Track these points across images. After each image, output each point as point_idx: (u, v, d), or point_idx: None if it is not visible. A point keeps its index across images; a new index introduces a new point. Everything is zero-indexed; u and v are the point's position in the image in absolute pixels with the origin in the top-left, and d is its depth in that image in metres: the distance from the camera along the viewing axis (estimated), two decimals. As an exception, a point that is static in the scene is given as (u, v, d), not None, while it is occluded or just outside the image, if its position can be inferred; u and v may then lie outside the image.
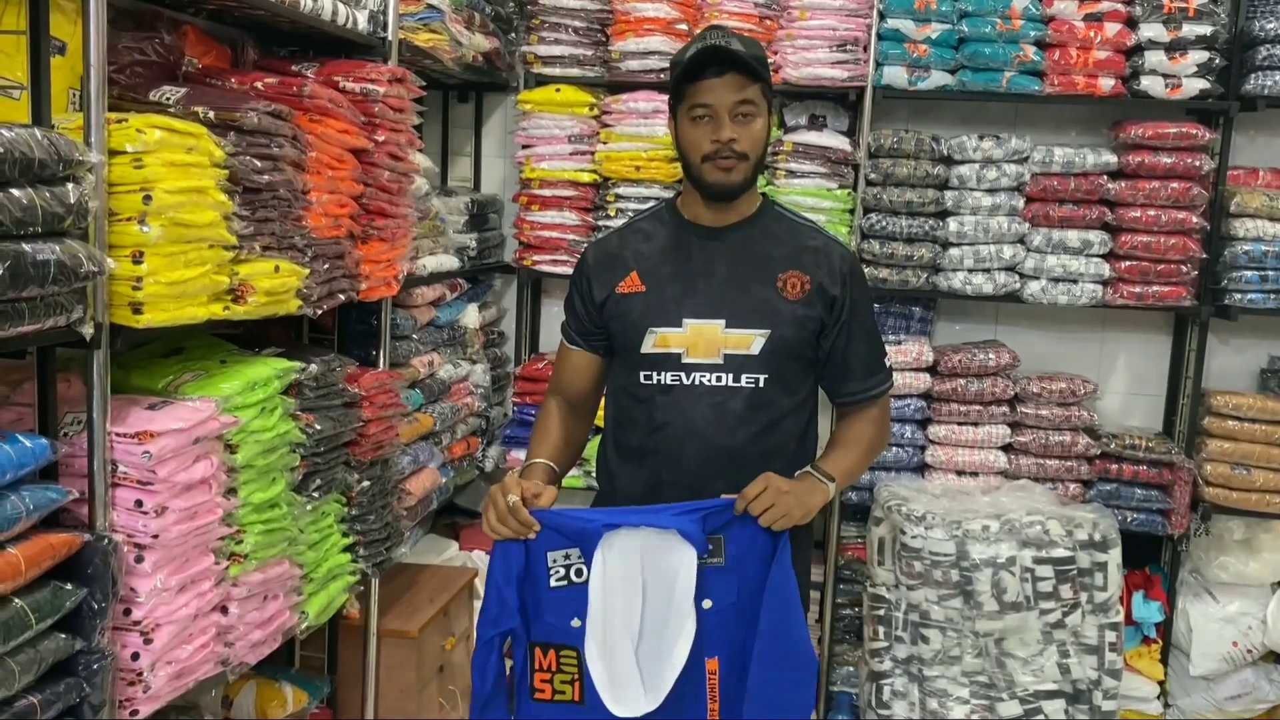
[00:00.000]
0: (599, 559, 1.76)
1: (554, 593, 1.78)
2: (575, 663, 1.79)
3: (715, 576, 1.77)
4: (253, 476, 2.11)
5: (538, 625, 1.80)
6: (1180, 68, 3.31)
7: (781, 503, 1.75)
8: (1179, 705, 3.56)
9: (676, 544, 1.75)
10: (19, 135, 1.50)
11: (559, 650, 1.79)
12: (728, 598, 1.78)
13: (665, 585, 1.76)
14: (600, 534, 1.75)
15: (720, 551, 1.77)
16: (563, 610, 1.78)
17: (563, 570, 1.78)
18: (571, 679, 1.80)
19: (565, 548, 1.78)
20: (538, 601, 1.79)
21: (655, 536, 1.75)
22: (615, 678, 1.76)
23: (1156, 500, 3.47)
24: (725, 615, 1.78)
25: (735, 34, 1.89)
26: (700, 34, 1.90)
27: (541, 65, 3.62)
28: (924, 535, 3.19)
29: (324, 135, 2.32)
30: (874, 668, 3.33)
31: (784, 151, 3.45)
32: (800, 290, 1.92)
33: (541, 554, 1.78)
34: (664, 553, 1.75)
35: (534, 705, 1.82)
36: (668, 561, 1.75)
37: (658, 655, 1.77)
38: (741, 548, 1.77)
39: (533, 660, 1.81)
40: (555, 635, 1.79)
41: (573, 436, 2.08)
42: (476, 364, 3.60)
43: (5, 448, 1.57)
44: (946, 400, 3.51)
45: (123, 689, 1.82)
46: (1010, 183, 3.42)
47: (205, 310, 1.94)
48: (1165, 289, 3.41)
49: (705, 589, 1.76)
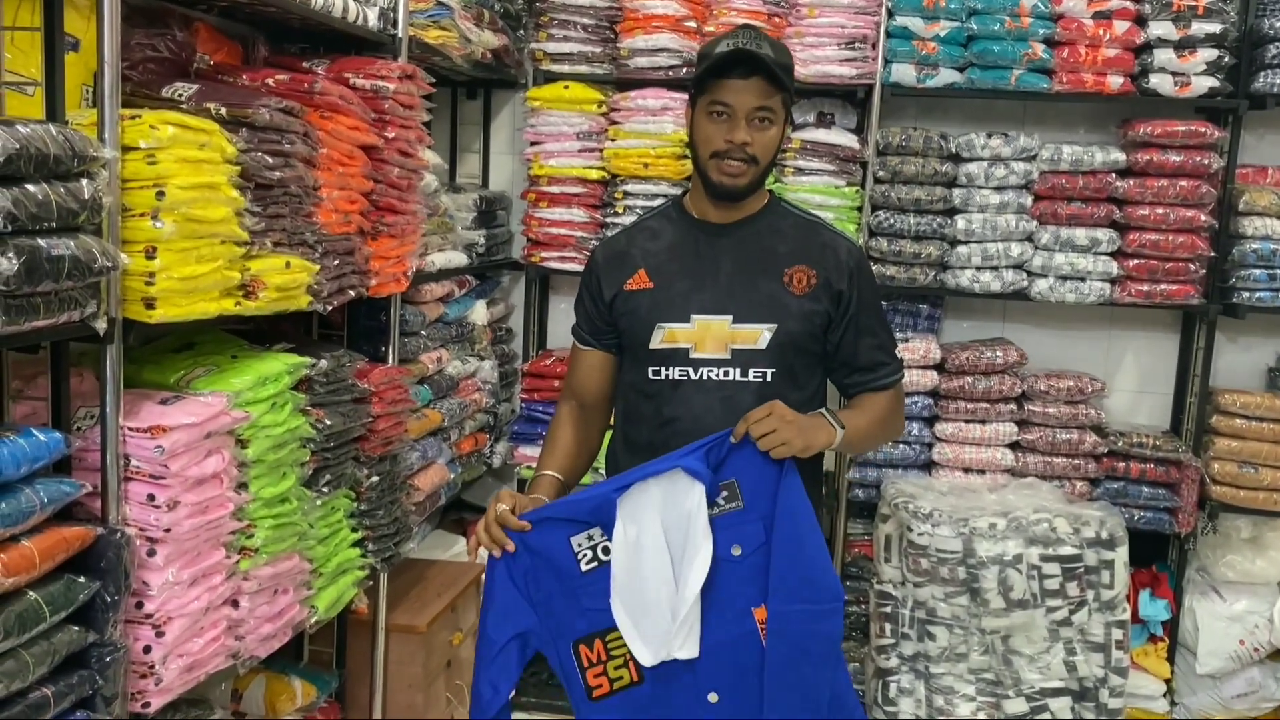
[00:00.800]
0: (619, 523, 1.73)
1: (587, 576, 1.76)
2: (622, 644, 1.75)
3: (738, 520, 1.74)
4: (263, 471, 2.12)
5: (577, 619, 1.77)
6: (1189, 66, 3.30)
7: (782, 430, 1.72)
8: (1185, 704, 3.56)
9: (686, 484, 1.72)
10: (34, 131, 1.51)
11: (604, 636, 1.76)
12: (756, 540, 1.74)
13: (683, 529, 1.73)
14: (614, 502, 1.73)
15: (736, 495, 1.74)
16: (599, 592, 1.75)
17: (590, 553, 1.76)
18: (624, 660, 1.76)
19: (586, 530, 1.76)
20: (573, 592, 1.76)
21: (666, 484, 1.73)
22: (646, 632, 1.73)
23: (1164, 498, 3.47)
24: (760, 559, 1.74)
25: (769, 38, 1.89)
26: (735, 31, 1.90)
27: (550, 62, 3.63)
28: (931, 532, 3.19)
29: (334, 132, 2.33)
30: (880, 665, 3.33)
31: (792, 149, 3.45)
32: (807, 285, 1.93)
33: (564, 542, 1.76)
34: (677, 495, 1.73)
35: (595, 706, 1.78)
36: (681, 507, 1.73)
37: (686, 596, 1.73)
38: (754, 484, 1.74)
39: (579, 660, 1.77)
40: (597, 622, 1.76)
41: (585, 443, 2.08)
42: (484, 360, 3.61)
43: (19, 441, 1.58)
44: (954, 398, 3.51)
45: (135, 681, 1.83)
46: (1018, 180, 3.41)
47: (217, 305, 1.95)
48: (1173, 287, 3.41)
49: (732, 535, 1.74)
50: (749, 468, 1.74)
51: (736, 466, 1.75)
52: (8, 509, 1.53)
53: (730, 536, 1.74)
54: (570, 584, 1.76)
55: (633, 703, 1.77)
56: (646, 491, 1.74)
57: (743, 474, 1.75)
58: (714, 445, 1.75)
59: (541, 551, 1.77)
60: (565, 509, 1.79)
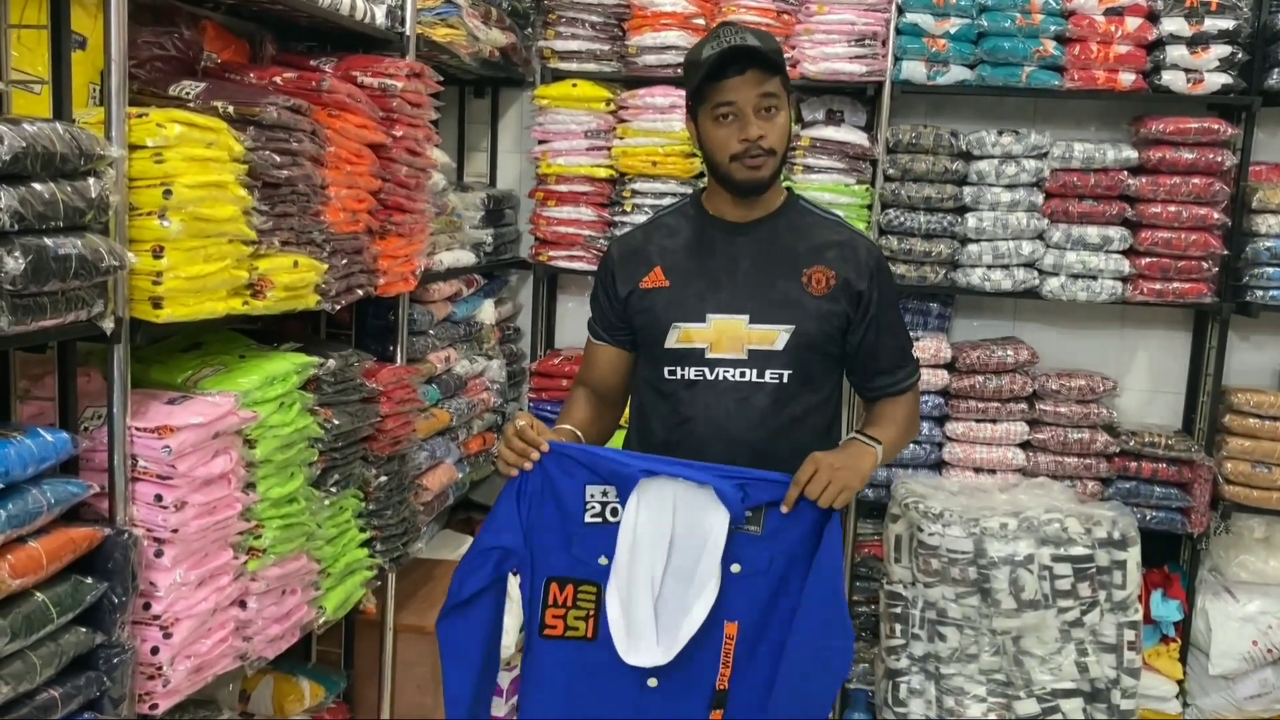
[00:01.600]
0: (633, 503, 1.74)
1: (587, 528, 1.78)
2: (594, 599, 1.78)
3: (749, 543, 1.75)
4: (271, 471, 2.11)
5: (561, 558, 1.79)
6: (1202, 62, 3.28)
7: (838, 478, 1.72)
8: (1198, 705, 3.53)
9: (712, 504, 1.73)
10: (41, 130, 1.50)
11: (578, 585, 1.79)
12: (758, 564, 1.76)
13: (695, 542, 1.74)
14: (636, 478, 1.74)
15: (759, 521, 1.75)
16: (592, 546, 1.77)
17: (598, 507, 1.78)
18: (587, 614, 1.79)
19: (604, 485, 1.77)
20: (567, 535, 1.78)
21: (692, 491, 1.74)
22: (631, 625, 1.75)
23: (1176, 498, 3.44)
24: (752, 581, 1.76)
25: (747, 28, 1.88)
26: (714, 33, 1.89)
27: (558, 60, 3.61)
28: (941, 533, 3.17)
29: (342, 130, 2.32)
30: (890, 665, 3.31)
31: (801, 147, 3.43)
32: (825, 285, 1.92)
33: (580, 487, 1.78)
34: (698, 509, 1.74)
35: (542, 642, 1.81)
36: (700, 519, 1.73)
37: (676, 610, 1.75)
38: (782, 523, 1.74)
39: (546, 596, 1.80)
40: (578, 570, 1.78)
41: (600, 420, 2.07)
42: (493, 359, 3.60)
43: (26, 442, 1.57)
44: (964, 397, 3.49)
45: (142, 683, 1.82)
46: (1029, 178, 3.39)
47: (224, 305, 1.94)
48: (1186, 285, 3.38)
49: (736, 553, 1.75)
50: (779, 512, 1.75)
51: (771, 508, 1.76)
52: (15, 510, 1.53)
53: (736, 554, 1.75)
54: (568, 527, 1.79)
55: (576, 656, 1.80)
56: (673, 489, 1.74)
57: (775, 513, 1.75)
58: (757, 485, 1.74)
59: (557, 483, 1.79)
60: (588, 456, 1.80)
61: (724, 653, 1.78)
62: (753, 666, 1.78)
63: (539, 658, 1.82)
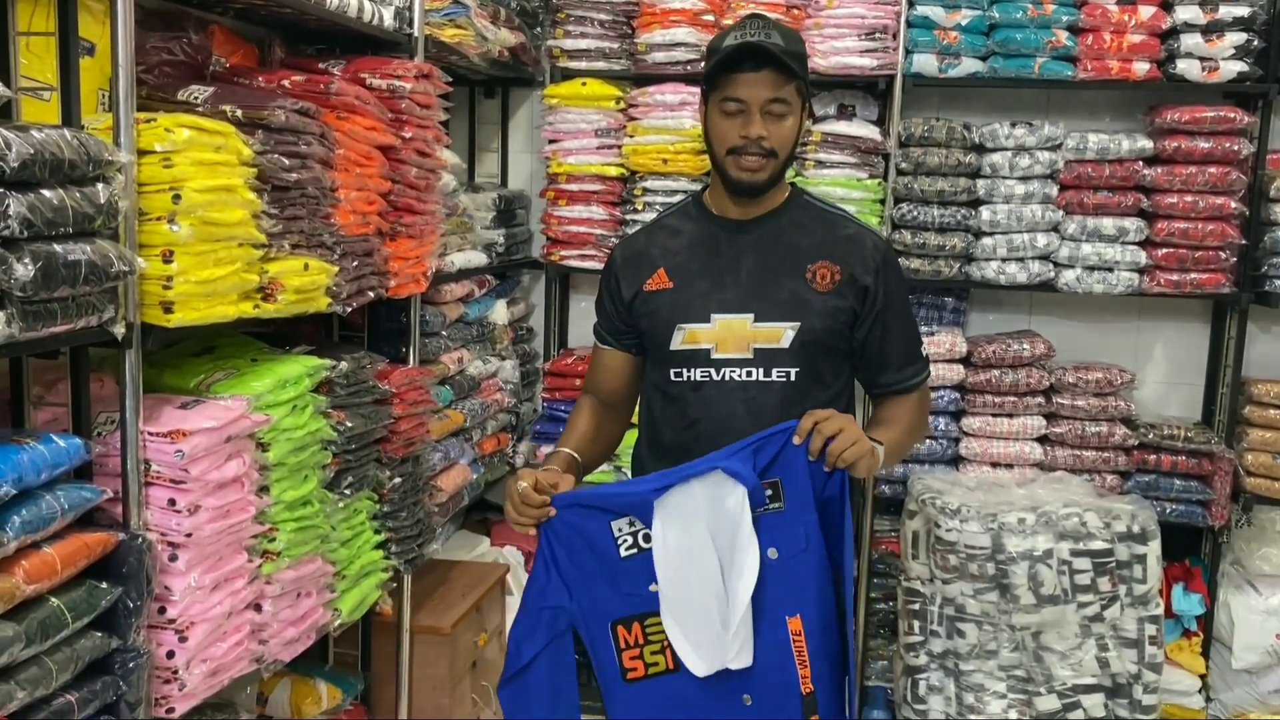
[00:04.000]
0: (658, 526, 1.71)
1: (626, 561, 1.74)
2: (662, 631, 1.74)
3: (778, 523, 1.71)
4: (284, 474, 2.11)
5: (615, 600, 1.75)
6: (1217, 50, 3.24)
7: (850, 428, 1.67)
8: (1221, 699, 3.50)
9: (729, 487, 1.69)
10: (49, 136, 1.50)
11: (643, 620, 1.75)
12: (796, 545, 1.71)
13: (729, 534, 1.70)
14: (651, 503, 1.71)
15: (779, 496, 1.71)
16: (638, 578, 1.74)
17: (630, 539, 1.74)
18: (662, 646, 1.75)
19: (627, 516, 1.74)
20: (612, 576, 1.75)
21: (708, 485, 1.70)
22: (696, 641, 1.71)
23: (1196, 491, 3.41)
24: (796, 566, 1.71)
25: (778, 26, 1.84)
26: (742, 22, 1.85)
27: (567, 59, 3.61)
28: (959, 528, 3.15)
29: (351, 132, 2.32)
30: (909, 662, 3.29)
31: (813, 142, 3.42)
32: (830, 281, 1.89)
33: (605, 525, 1.74)
34: (719, 501, 1.69)
35: (629, 688, 1.77)
36: (724, 509, 1.69)
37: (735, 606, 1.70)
38: (797, 486, 1.70)
39: (617, 640, 1.76)
40: (636, 605, 1.74)
41: (603, 432, 2.06)
42: (506, 360, 3.60)
43: (40, 448, 1.58)
44: (981, 392, 3.47)
45: (159, 687, 1.83)
46: (1043, 170, 3.37)
47: (235, 309, 1.94)
48: (1203, 276, 3.35)
49: (770, 537, 1.70)
50: (794, 468, 1.71)
51: (782, 466, 1.71)
52: (29, 516, 1.53)
53: (768, 539, 1.70)
54: (609, 568, 1.75)
55: (667, 690, 1.76)
56: (688, 493, 1.71)
57: (787, 474, 1.71)
58: (765, 442, 1.71)
59: (583, 528, 1.75)
60: (597, 499, 1.77)
61: (797, 651, 1.73)
62: (826, 662, 1.74)
63: (628, 702, 1.78)
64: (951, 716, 3.24)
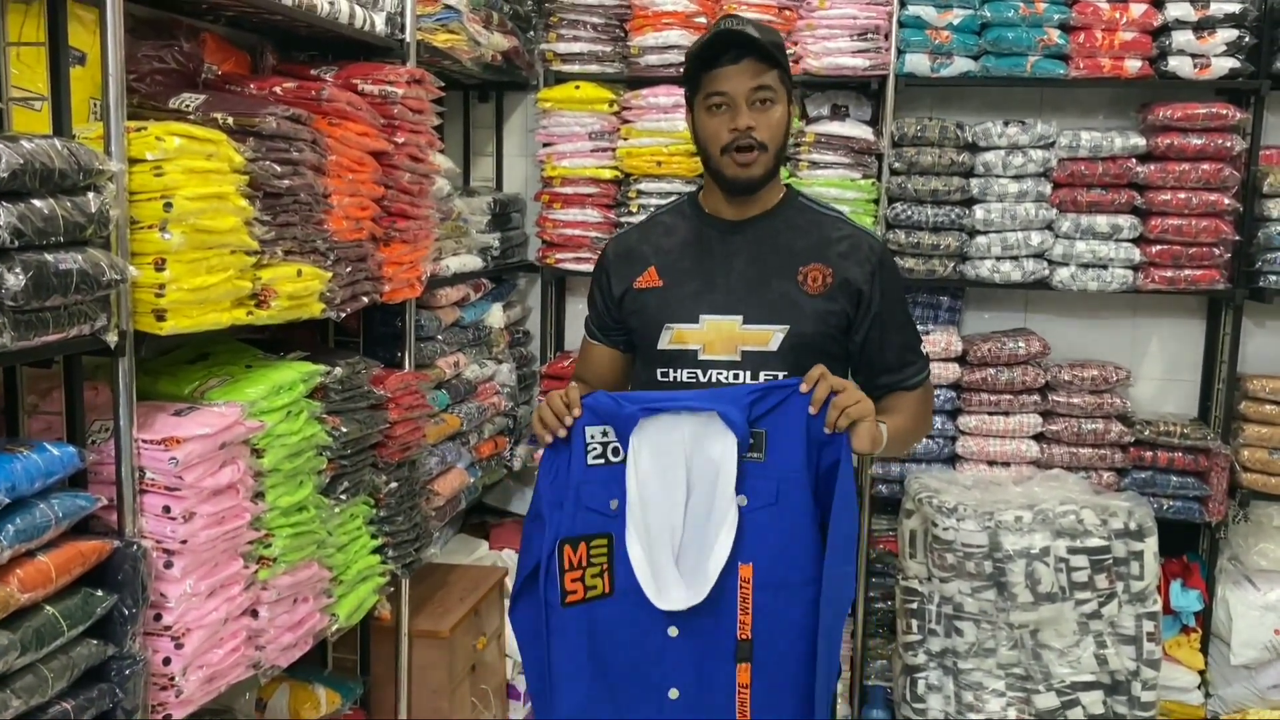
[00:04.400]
0: (635, 442, 1.70)
1: (591, 470, 1.73)
2: (606, 552, 1.72)
3: (754, 473, 1.69)
4: (280, 480, 2.12)
5: (570, 513, 1.74)
6: (1209, 47, 3.25)
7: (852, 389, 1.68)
8: (1220, 695, 3.50)
9: (718, 431, 1.68)
10: (39, 146, 1.51)
11: (589, 541, 1.73)
12: (765, 497, 1.70)
13: (708, 475, 1.68)
14: (636, 419, 1.69)
15: (761, 447, 1.70)
16: (599, 491, 1.73)
17: (599, 448, 1.73)
18: (601, 570, 1.73)
19: (602, 425, 1.73)
20: (576, 484, 1.74)
21: (699, 422, 1.69)
22: (657, 569, 1.69)
23: (1193, 487, 3.42)
24: (762, 517, 1.70)
25: (750, 20, 1.86)
26: (715, 23, 1.88)
27: (561, 63, 3.61)
28: (956, 527, 3.16)
29: (343, 138, 2.32)
30: (908, 661, 3.30)
31: (806, 143, 3.42)
32: (822, 284, 1.88)
33: (580, 430, 1.74)
34: (705, 440, 1.68)
35: (564, 612, 1.75)
36: (709, 450, 1.68)
37: (700, 548, 1.69)
38: (782, 440, 1.69)
39: (561, 560, 1.74)
40: (590, 525, 1.73)
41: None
42: (502, 363, 3.60)
43: (33, 456, 1.58)
44: (977, 390, 3.47)
45: (155, 694, 1.83)
46: (1037, 168, 3.37)
47: (228, 316, 1.94)
48: (1198, 272, 3.36)
49: (743, 485, 1.69)
50: (787, 422, 1.70)
51: (774, 419, 1.70)
52: (23, 525, 1.53)
53: (741, 485, 1.69)
54: (574, 476, 1.74)
55: (597, 614, 1.75)
56: (676, 423, 1.69)
57: (776, 427, 1.70)
58: (767, 393, 1.70)
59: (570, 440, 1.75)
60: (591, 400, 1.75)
61: (741, 598, 1.70)
62: (774, 614, 1.71)
63: (562, 626, 1.75)
64: (951, 715, 3.24)
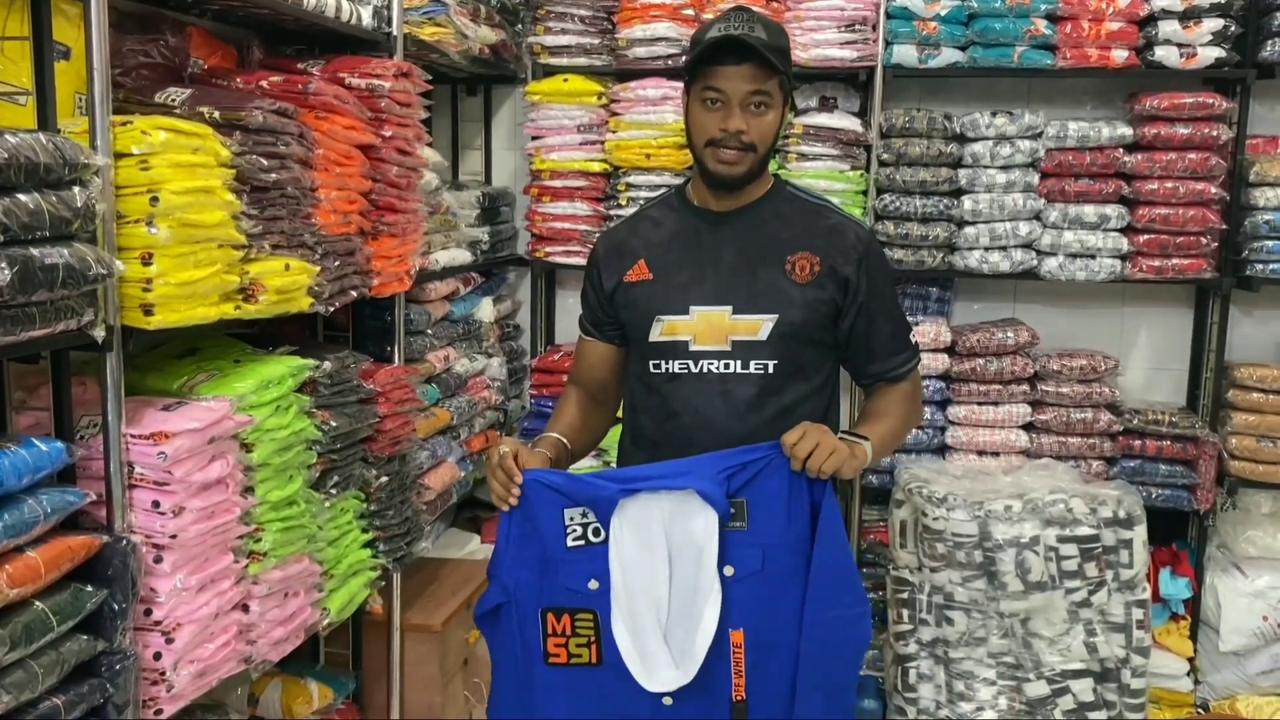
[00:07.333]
0: (616, 525, 1.70)
1: (571, 553, 1.73)
2: (592, 626, 1.74)
3: (738, 542, 1.70)
4: (270, 474, 2.12)
5: (551, 588, 1.75)
6: (1195, 36, 3.26)
7: (826, 441, 1.66)
8: (1209, 682, 3.52)
9: (698, 507, 1.68)
10: (24, 140, 1.50)
11: (574, 614, 1.75)
12: (751, 566, 1.71)
13: (690, 552, 1.69)
14: (615, 500, 1.70)
15: (743, 516, 1.71)
16: (578, 571, 1.73)
17: (579, 529, 1.73)
18: (588, 641, 1.75)
19: (581, 506, 1.73)
20: (554, 563, 1.74)
21: (676, 498, 1.69)
22: (644, 651, 1.70)
23: (1181, 476, 3.43)
24: (749, 585, 1.71)
25: (762, 19, 1.84)
26: (726, 14, 1.84)
27: (549, 56, 3.61)
28: (946, 517, 3.17)
29: (330, 132, 2.32)
30: (899, 651, 3.31)
31: (795, 134, 3.43)
32: (810, 272, 1.89)
33: (558, 511, 1.73)
34: (686, 517, 1.69)
35: (548, 670, 1.76)
36: (690, 526, 1.69)
37: (687, 625, 1.70)
38: (764, 508, 1.70)
39: (545, 626, 1.76)
40: (572, 599, 1.74)
41: (589, 422, 2.06)
42: (493, 357, 3.60)
43: (21, 452, 1.58)
44: (966, 380, 3.48)
45: (146, 688, 1.83)
46: (1025, 159, 3.38)
47: (216, 310, 1.94)
48: (1185, 261, 3.37)
49: (727, 555, 1.70)
50: (763, 489, 1.71)
51: (753, 489, 1.71)
52: (10, 520, 1.53)
53: (725, 556, 1.70)
54: (552, 554, 1.74)
55: (585, 681, 1.76)
56: (656, 502, 1.70)
57: (754, 495, 1.71)
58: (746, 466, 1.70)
59: (535, 511, 1.74)
60: (565, 482, 1.74)
61: (735, 662, 1.73)
62: (767, 675, 1.74)
63: (546, 682, 1.77)
64: (942, 704, 3.25)
